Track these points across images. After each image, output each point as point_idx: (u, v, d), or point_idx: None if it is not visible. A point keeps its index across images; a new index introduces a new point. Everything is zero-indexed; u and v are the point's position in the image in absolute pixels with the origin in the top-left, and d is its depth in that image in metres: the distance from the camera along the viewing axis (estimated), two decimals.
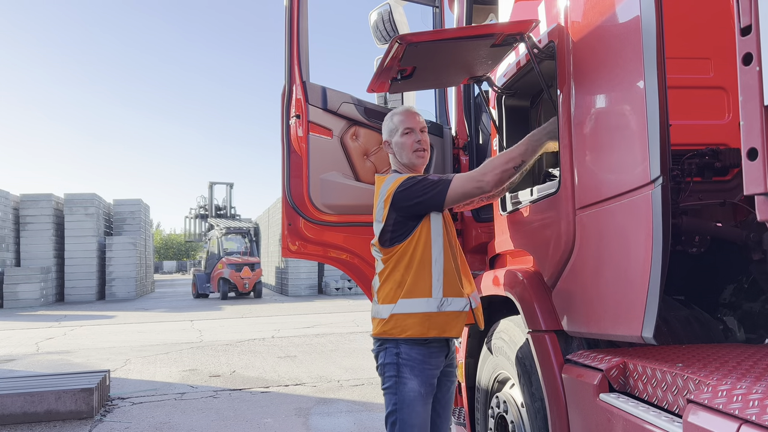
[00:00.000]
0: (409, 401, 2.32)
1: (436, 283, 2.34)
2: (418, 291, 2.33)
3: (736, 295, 2.39)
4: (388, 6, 3.67)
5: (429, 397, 2.37)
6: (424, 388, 2.34)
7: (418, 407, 2.32)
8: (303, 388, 6.31)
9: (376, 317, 2.42)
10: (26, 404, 5.04)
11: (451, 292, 2.35)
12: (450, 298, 2.34)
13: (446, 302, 2.33)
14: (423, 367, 2.33)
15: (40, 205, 20.22)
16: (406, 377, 2.32)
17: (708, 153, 2.25)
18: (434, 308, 2.31)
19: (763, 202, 1.21)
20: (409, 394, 2.32)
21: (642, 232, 1.64)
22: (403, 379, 2.33)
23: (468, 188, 2.29)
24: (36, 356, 8.69)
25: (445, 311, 2.32)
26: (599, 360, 1.86)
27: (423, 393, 2.33)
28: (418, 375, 2.32)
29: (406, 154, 2.47)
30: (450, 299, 2.34)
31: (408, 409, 2.31)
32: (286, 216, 3.43)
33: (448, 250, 2.37)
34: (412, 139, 2.46)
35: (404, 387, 2.32)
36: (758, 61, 1.19)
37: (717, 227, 2.23)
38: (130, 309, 17.30)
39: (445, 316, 2.32)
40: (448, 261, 2.36)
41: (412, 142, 2.46)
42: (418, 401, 2.32)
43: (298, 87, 3.31)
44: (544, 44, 2.24)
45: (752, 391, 1.26)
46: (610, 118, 1.84)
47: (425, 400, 2.35)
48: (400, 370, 2.33)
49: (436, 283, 2.34)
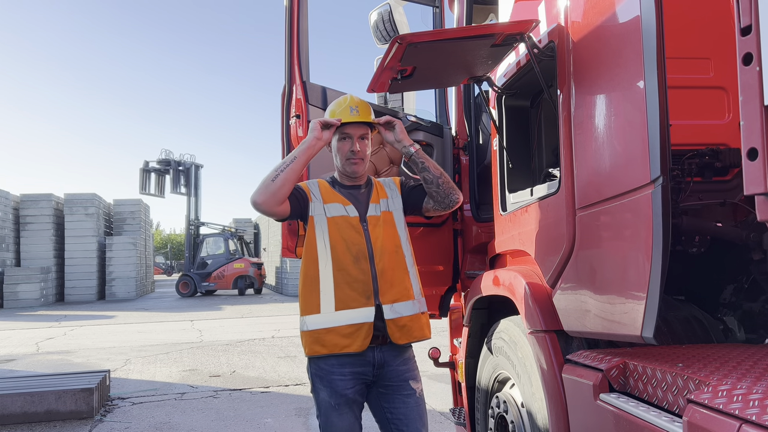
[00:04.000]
0: (323, 410, 2.28)
1: (323, 296, 2.25)
2: (308, 307, 2.28)
3: (736, 295, 2.39)
4: (388, 6, 3.67)
5: (344, 407, 2.27)
6: (334, 399, 2.26)
7: (332, 417, 2.26)
8: (303, 388, 6.31)
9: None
10: (26, 404, 5.04)
11: (348, 303, 2.25)
12: (345, 311, 2.24)
13: (339, 315, 2.24)
14: (331, 378, 2.26)
15: (40, 205, 20.22)
16: (318, 387, 2.30)
17: (708, 153, 2.25)
18: (324, 324, 2.24)
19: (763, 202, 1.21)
20: (322, 404, 2.29)
21: (642, 232, 1.64)
22: (316, 388, 2.31)
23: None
24: (36, 356, 8.69)
25: (336, 327, 2.23)
26: (599, 360, 1.86)
27: (334, 404, 2.26)
28: (326, 386, 2.27)
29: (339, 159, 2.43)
30: (345, 312, 2.24)
31: (324, 417, 2.29)
32: None
33: (344, 255, 2.27)
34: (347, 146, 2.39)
35: (317, 396, 2.30)
36: (758, 61, 1.19)
37: (717, 227, 2.23)
38: (130, 309, 17.30)
39: (336, 333, 2.23)
40: (342, 269, 2.27)
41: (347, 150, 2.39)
42: (331, 411, 2.26)
43: (298, 87, 3.31)
44: (544, 44, 2.24)
45: (752, 391, 1.26)
46: (610, 118, 1.84)
47: (340, 411, 2.26)
48: (313, 379, 2.32)
49: (325, 296, 2.25)
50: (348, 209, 2.37)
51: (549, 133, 2.63)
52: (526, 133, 2.79)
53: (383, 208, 2.42)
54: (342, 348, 2.23)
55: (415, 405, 2.33)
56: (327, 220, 2.32)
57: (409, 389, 2.32)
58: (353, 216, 2.35)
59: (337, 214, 2.34)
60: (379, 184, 2.51)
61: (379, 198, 2.44)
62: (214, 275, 23.25)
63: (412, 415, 2.31)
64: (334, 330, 2.23)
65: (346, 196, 2.40)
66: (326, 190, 2.41)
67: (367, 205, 2.40)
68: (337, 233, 2.30)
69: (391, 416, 2.31)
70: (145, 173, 23.78)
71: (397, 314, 2.29)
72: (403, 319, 2.30)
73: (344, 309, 2.24)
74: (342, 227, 2.32)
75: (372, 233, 2.34)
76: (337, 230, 2.31)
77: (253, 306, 17.78)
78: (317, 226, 2.32)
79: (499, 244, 2.87)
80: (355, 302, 2.25)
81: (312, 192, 2.39)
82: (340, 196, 2.40)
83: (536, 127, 2.74)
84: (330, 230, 2.31)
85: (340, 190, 2.42)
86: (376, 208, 2.41)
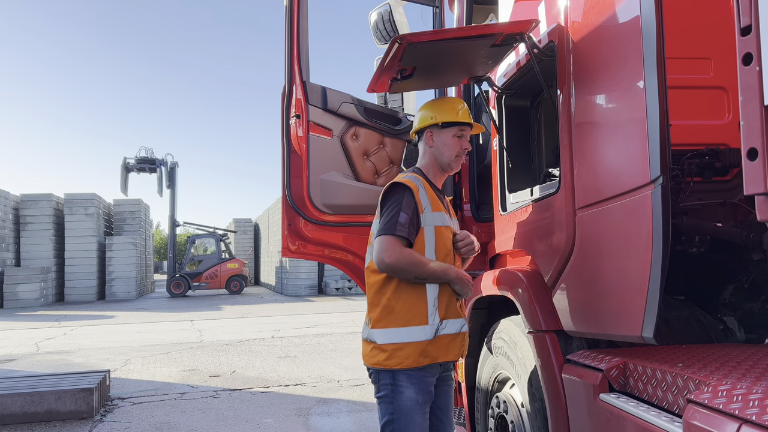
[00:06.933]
0: (406, 411, 2.20)
1: (431, 308, 2.22)
2: (412, 318, 2.21)
3: (736, 295, 2.39)
4: (388, 6, 3.67)
5: (426, 405, 2.26)
6: (421, 396, 2.23)
7: (416, 417, 2.21)
8: (303, 388, 6.31)
9: (368, 340, 2.29)
10: (26, 404, 5.04)
11: (450, 313, 2.26)
12: (448, 321, 2.25)
13: (443, 326, 2.23)
14: (420, 375, 2.22)
15: (40, 205, 20.21)
16: (403, 386, 2.21)
17: (708, 153, 2.25)
18: (430, 335, 2.21)
19: (763, 202, 1.21)
20: (406, 404, 2.20)
21: (642, 232, 1.64)
22: (399, 388, 2.21)
23: (375, 251, 2.19)
24: (36, 356, 8.69)
25: (441, 335, 2.23)
26: (599, 360, 1.86)
27: (421, 402, 2.22)
28: (415, 383, 2.21)
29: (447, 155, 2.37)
30: (447, 322, 2.24)
31: (405, 419, 2.20)
32: (286, 216, 3.43)
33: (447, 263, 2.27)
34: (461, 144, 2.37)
35: (401, 396, 2.20)
36: (758, 61, 1.19)
37: (717, 227, 2.23)
38: (130, 309, 17.29)
39: (440, 341, 2.23)
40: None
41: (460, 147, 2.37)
42: (415, 410, 2.21)
43: (298, 87, 3.31)
44: (544, 44, 2.24)
45: (752, 391, 1.26)
46: (610, 118, 1.84)
47: (423, 409, 2.24)
48: (396, 378, 2.22)
49: (432, 307, 2.22)
50: (448, 218, 2.35)
51: (549, 133, 2.63)
52: (526, 133, 2.79)
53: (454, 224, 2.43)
54: (443, 357, 2.24)
55: (452, 394, 2.46)
56: (435, 229, 2.27)
57: (451, 379, 2.44)
58: (451, 226, 2.35)
59: (442, 223, 2.30)
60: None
61: (450, 211, 2.45)
62: (206, 275, 23.59)
63: (451, 404, 2.45)
64: (438, 340, 2.22)
65: (441, 202, 2.37)
66: (431, 195, 2.32)
67: (449, 214, 2.41)
68: (441, 242, 2.28)
69: (434, 406, 2.34)
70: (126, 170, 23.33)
71: (468, 327, 2.38)
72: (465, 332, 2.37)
73: (448, 318, 2.25)
74: (445, 236, 2.30)
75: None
76: (441, 239, 2.28)
77: (253, 306, 17.78)
78: (426, 235, 2.26)
79: (499, 244, 2.87)
80: (455, 312, 2.28)
81: (422, 200, 2.27)
82: (441, 203, 2.36)
83: (536, 127, 2.74)
84: (437, 239, 2.27)
85: (435, 193, 2.36)
86: (452, 220, 2.42)
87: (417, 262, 2.18)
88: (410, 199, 2.22)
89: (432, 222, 2.26)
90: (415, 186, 2.25)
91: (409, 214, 2.20)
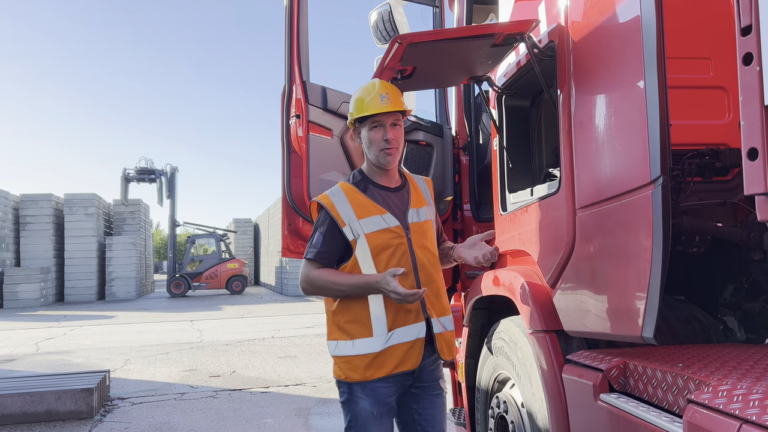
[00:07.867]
0: (362, 421, 2.15)
1: (376, 319, 2.10)
2: (355, 331, 2.12)
3: (736, 295, 2.39)
4: (388, 6, 3.67)
5: (385, 417, 2.18)
6: (377, 408, 2.14)
7: (371, 427, 2.14)
8: (303, 388, 6.31)
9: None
10: (26, 404, 5.04)
11: (400, 321, 2.12)
12: (399, 329, 2.12)
13: (393, 335, 2.11)
14: (374, 386, 2.13)
15: (40, 205, 20.22)
16: (358, 396, 2.14)
17: (708, 153, 2.25)
18: (378, 347, 2.10)
19: (763, 202, 1.21)
20: (362, 414, 2.14)
21: (642, 232, 1.64)
22: (355, 398, 2.15)
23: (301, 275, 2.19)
24: (36, 356, 8.69)
25: (393, 345, 2.11)
26: (599, 360, 1.86)
27: (376, 413, 2.14)
28: (369, 395, 2.13)
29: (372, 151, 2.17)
30: (399, 330, 2.11)
31: (361, 428, 2.15)
32: (286, 216, 3.43)
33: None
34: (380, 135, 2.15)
35: (356, 406, 2.15)
36: (758, 61, 1.19)
37: (717, 227, 2.23)
38: (130, 309, 17.30)
39: (393, 351, 2.11)
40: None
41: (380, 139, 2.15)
42: (370, 421, 2.14)
43: (298, 87, 3.31)
44: (545, 44, 2.24)
45: (752, 391, 1.26)
46: (610, 118, 1.84)
47: (379, 420, 2.15)
48: (352, 388, 2.15)
49: (376, 319, 2.10)
50: (386, 219, 2.15)
51: (549, 133, 2.63)
52: (526, 133, 2.79)
53: (424, 216, 2.25)
54: (396, 368, 2.12)
55: (442, 405, 2.29)
56: (366, 237, 2.12)
57: (438, 389, 2.28)
58: (394, 225, 2.15)
59: (377, 228, 2.13)
60: (415, 184, 2.32)
61: (420, 203, 2.27)
62: (206, 275, 23.62)
63: (439, 415, 2.28)
64: (387, 351, 2.11)
65: (381, 203, 2.18)
66: (357, 201, 2.16)
67: (407, 210, 2.21)
68: (380, 248, 2.12)
69: (419, 417, 2.25)
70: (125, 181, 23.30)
71: (443, 328, 2.22)
72: (447, 334, 2.24)
73: (397, 327, 2.11)
74: (384, 240, 2.13)
75: (415, 241, 2.18)
76: (379, 246, 2.12)
77: (252, 306, 17.78)
78: (358, 247, 2.12)
79: (499, 244, 2.87)
80: (407, 319, 2.13)
81: (342, 215, 2.13)
82: (374, 204, 2.17)
83: (536, 127, 2.74)
84: (372, 248, 2.12)
85: (374, 195, 2.19)
86: (418, 213, 2.23)
87: (329, 283, 2.12)
88: (325, 216, 2.16)
89: (361, 231, 2.12)
90: (329, 201, 2.16)
91: (323, 233, 2.15)
